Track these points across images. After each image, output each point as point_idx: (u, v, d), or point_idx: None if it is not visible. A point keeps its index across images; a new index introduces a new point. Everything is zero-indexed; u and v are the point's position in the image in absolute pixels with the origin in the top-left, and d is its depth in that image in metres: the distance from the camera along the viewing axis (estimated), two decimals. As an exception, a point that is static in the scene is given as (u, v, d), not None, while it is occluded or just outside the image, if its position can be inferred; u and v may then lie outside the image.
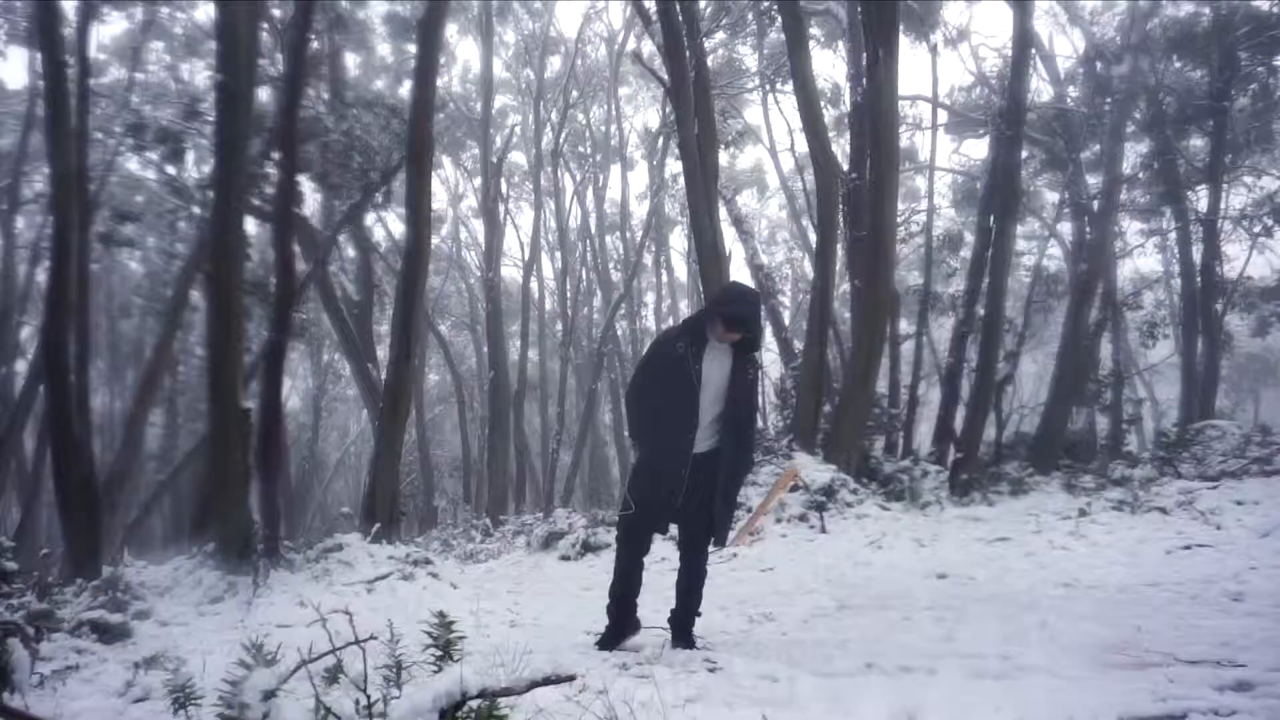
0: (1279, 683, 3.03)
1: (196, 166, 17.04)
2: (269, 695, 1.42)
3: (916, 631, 4.68)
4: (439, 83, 22.59)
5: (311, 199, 18.31)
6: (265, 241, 14.16)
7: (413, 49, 13.67)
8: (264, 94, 14.70)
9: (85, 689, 4.11)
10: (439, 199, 30.63)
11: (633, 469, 4.50)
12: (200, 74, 18.83)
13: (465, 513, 23.11)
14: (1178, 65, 16.32)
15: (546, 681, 1.73)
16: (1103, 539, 7.14)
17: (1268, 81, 15.88)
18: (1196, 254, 16.47)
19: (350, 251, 20.47)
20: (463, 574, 9.92)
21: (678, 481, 4.27)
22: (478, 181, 24.84)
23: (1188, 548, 6.33)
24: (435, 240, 29.55)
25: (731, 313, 4.26)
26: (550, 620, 6.29)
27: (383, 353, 17.43)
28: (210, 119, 13.38)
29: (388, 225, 22.69)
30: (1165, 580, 5.33)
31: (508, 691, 1.63)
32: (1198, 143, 17.22)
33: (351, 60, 22.00)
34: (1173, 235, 17.98)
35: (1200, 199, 16.65)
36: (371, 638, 1.85)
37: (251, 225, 13.50)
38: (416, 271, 9.20)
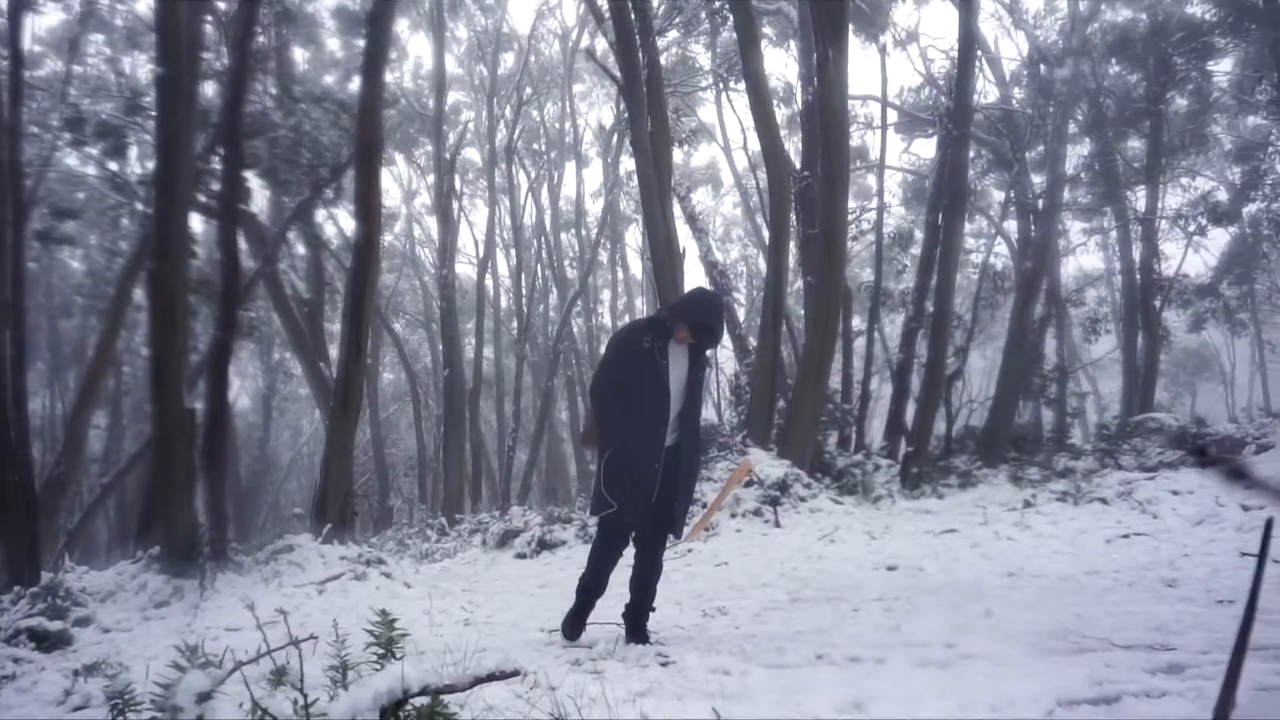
0: (1207, 664, 3.14)
1: (140, 162, 16.62)
2: (204, 697, 1.40)
3: (866, 622, 4.75)
4: (390, 79, 22.38)
5: (260, 196, 17.99)
6: (212, 239, 13.86)
7: (363, 44, 13.50)
8: (210, 89, 14.43)
9: (21, 699, 4.00)
10: (392, 196, 30.28)
11: (605, 468, 4.35)
12: (143, 67, 18.37)
13: (421, 512, 22.90)
14: (1117, 69, 16.78)
15: (491, 678, 1.73)
16: (1046, 529, 7.33)
17: (1201, 86, 16.40)
18: (1136, 252, 16.98)
19: (301, 249, 20.12)
20: (417, 574, 9.84)
21: (654, 477, 4.31)
22: (431, 178, 24.58)
23: (1126, 536, 6.53)
24: (389, 238, 29.21)
25: (700, 323, 4.34)
26: (505, 618, 6.27)
27: (335, 351, 17.18)
28: (153, 113, 13.07)
29: (339, 222, 22.33)
30: (1104, 568, 5.49)
31: (451, 688, 1.63)
32: (1136, 144, 17.74)
33: (300, 55, 21.64)
34: (1113, 234, 18.49)
35: (1139, 199, 17.17)
36: (311, 637, 1.84)
37: (198, 222, 13.22)
38: (367, 268, 9.08)
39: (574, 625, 4.54)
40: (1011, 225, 18.12)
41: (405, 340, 29.16)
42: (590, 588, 4.54)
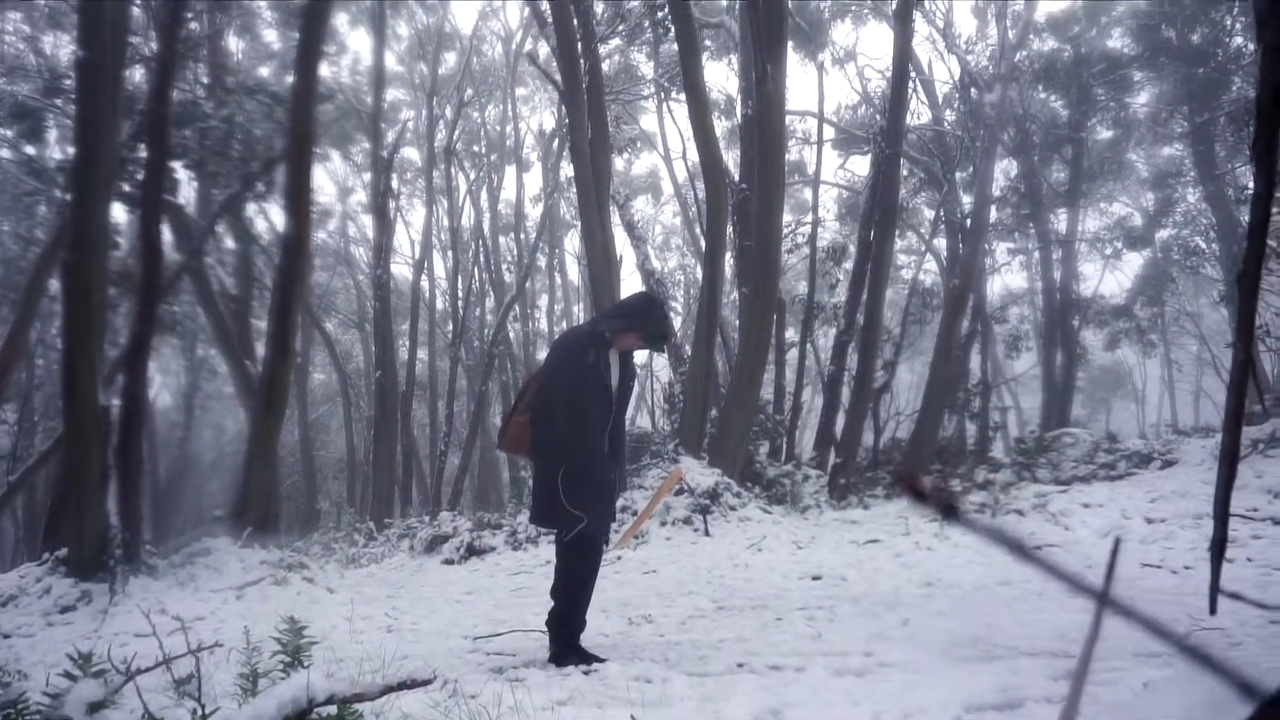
0: (1104, 671, 3.28)
1: (59, 147, 15.98)
2: (96, 707, 1.35)
3: (789, 631, 4.82)
4: (328, 73, 21.93)
5: (188, 187, 17.47)
6: (136, 230, 13.41)
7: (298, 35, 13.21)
8: (138, 75, 13.96)
9: (-91, 708, 3.80)
10: (327, 192, 29.68)
11: (568, 482, 4.15)
12: (65, 49, 17.67)
13: (349, 515, 22.43)
14: (1043, 96, 17.42)
15: (403, 686, 1.72)
16: (963, 540, 7.54)
17: (1120, 116, 17.13)
18: (1057, 272, 17.64)
19: (230, 243, 19.58)
20: (342, 579, 9.65)
21: (613, 487, 4.28)
22: (368, 176, 24.17)
23: (1038, 548, 6.76)
24: (322, 235, 28.63)
25: (662, 332, 4.34)
26: (429, 625, 6.20)
27: (263, 349, 16.74)
28: (74, 97, 12.58)
29: (270, 217, 21.81)
30: (1015, 578, 5.68)
31: (360, 697, 1.61)
32: (1060, 175, 18.44)
33: (236, 45, 21.10)
34: (1036, 254, 19.17)
35: (1061, 221, 17.84)
36: (216, 645, 1.79)
37: (121, 213, 12.77)
38: (296, 265, 8.89)
39: (577, 654, 4.20)
40: (941, 243, 18.66)
41: (337, 340, 28.58)
42: (578, 614, 4.27)
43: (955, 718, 3.01)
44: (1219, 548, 1.15)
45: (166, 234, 15.77)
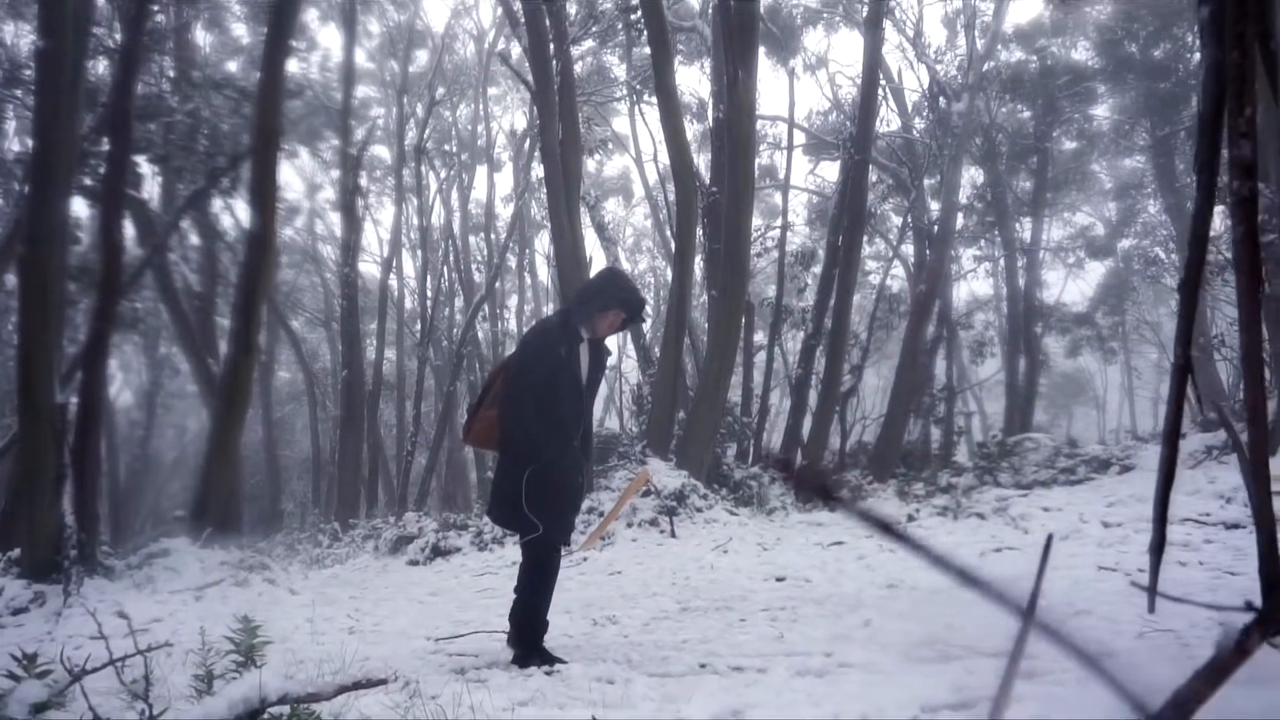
0: (1059, 671, 3.34)
1: (18, 139, 15.64)
2: (40, 708, 1.33)
3: (752, 632, 4.84)
4: (297, 68, 21.66)
5: (152, 182, 17.19)
6: (98, 224, 13.18)
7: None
8: (101, 66, 13.71)
9: None
10: (295, 189, 29.34)
11: (533, 486, 4.01)
12: (25, 37, 17.30)
13: (314, 516, 22.18)
14: (1009, 106, 17.71)
15: (358, 686, 1.71)
16: (926, 542, 7.64)
17: (1084, 127, 17.46)
18: (1021, 280, 17.92)
19: (194, 239, 19.29)
20: (305, 580, 9.56)
21: (580, 489, 4.18)
22: (337, 173, 23.93)
23: (998, 550, 6.86)
24: (289, 232, 28.30)
25: (638, 301, 4.19)
26: (392, 626, 6.15)
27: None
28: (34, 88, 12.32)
29: (235, 213, 21.51)
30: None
31: (314, 697, 1.60)
32: (1026, 184, 18.75)
33: (204, 39, 20.81)
34: (1001, 261, 19.47)
35: (1026, 229, 18.14)
36: (167, 645, 1.77)
37: (82, 207, 12.55)
38: (261, 261, 8.79)
39: (540, 655, 4.11)
40: (909, 249, 18.89)
41: (303, 339, 28.25)
42: (540, 622, 4.17)
43: (912, 717, 3.04)
44: (1157, 549, 1.18)
45: (129, 229, 15.51)
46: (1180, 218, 16.40)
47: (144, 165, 14.89)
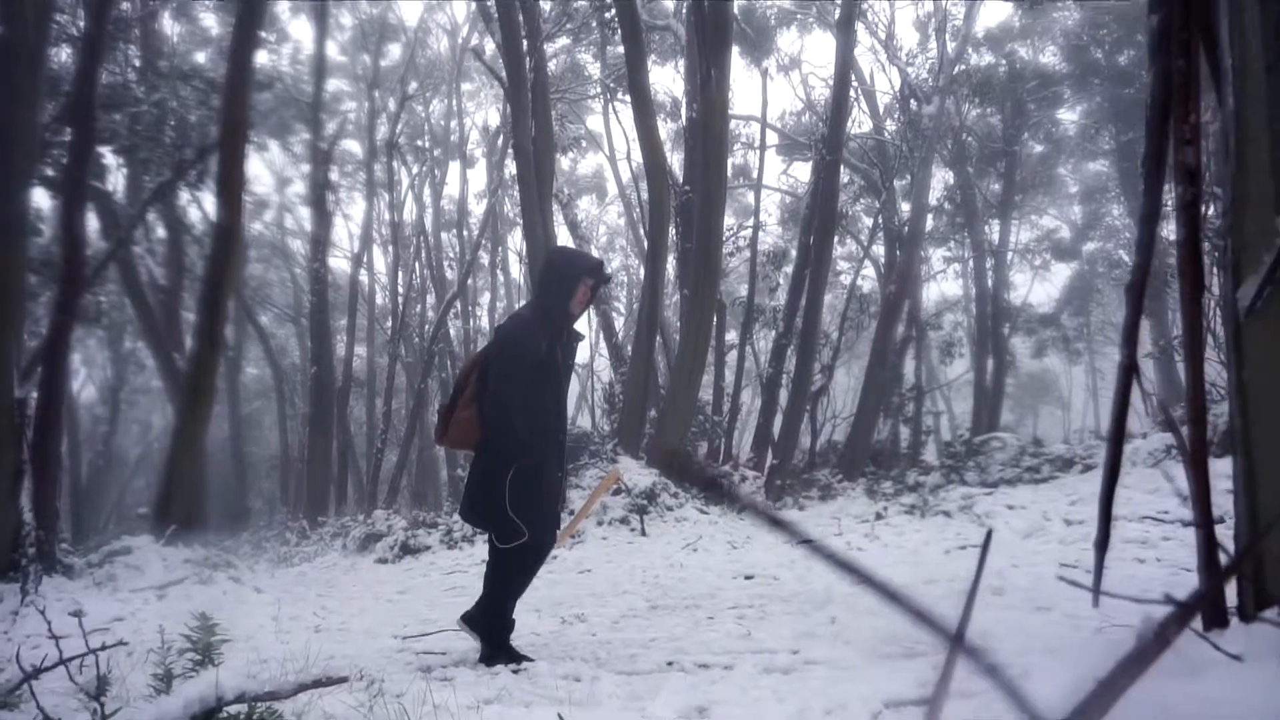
0: (1018, 664, 3.39)
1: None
2: (-12, 707, 1.30)
3: (720, 630, 4.86)
4: (267, 61, 21.38)
5: (118, 174, 16.92)
6: (59, 216, 12.95)
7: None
8: (64, 54, 13.44)
9: None
10: (264, 183, 28.99)
11: (517, 487, 3.92)
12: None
13: (282, 513, 21.95)
14: (979, 110, 17.92)
15: (317, 684, 1.70)
16: (893, 540, 7.72)
17: (1051, 131, 17.72)
18: (990, 281, 18.16)
19: (160, 232, 19.00)
20: (272, 578, 9.48)
21: (559, 485, 4.12)
22: (307, 167, 23.68)
23: (963, 548, 6.95)
24: (258, 226, 27.94)
25: (595, 262, 4.13)
26: (359, 625, 6.11)
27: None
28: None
29: (203, 206, 21.21)
30: (941, 577, 5.83)
31: (273, 695, 1.59)
32: (995, 186, 19.00)
33: (172, 29, 20.49)
34: (970, 263, 19.70)
35: (994, 231, 18.38)
36: (120, 643, 1.75)
37: (44, 198, 12.33)
38: (227, 255, 8.68)
39: (506, 653, 4.08)
40: (880, 250, 19.05)
41: (272, 334, 27.92)
42: (506, 614, 4.12)
43: (875, 713, 3.07)
44: (1101, 546, 1.21)
45: (93, 221, 15.26)
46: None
47: (109, 156, 14.66)
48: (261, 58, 19.75)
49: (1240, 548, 1.07)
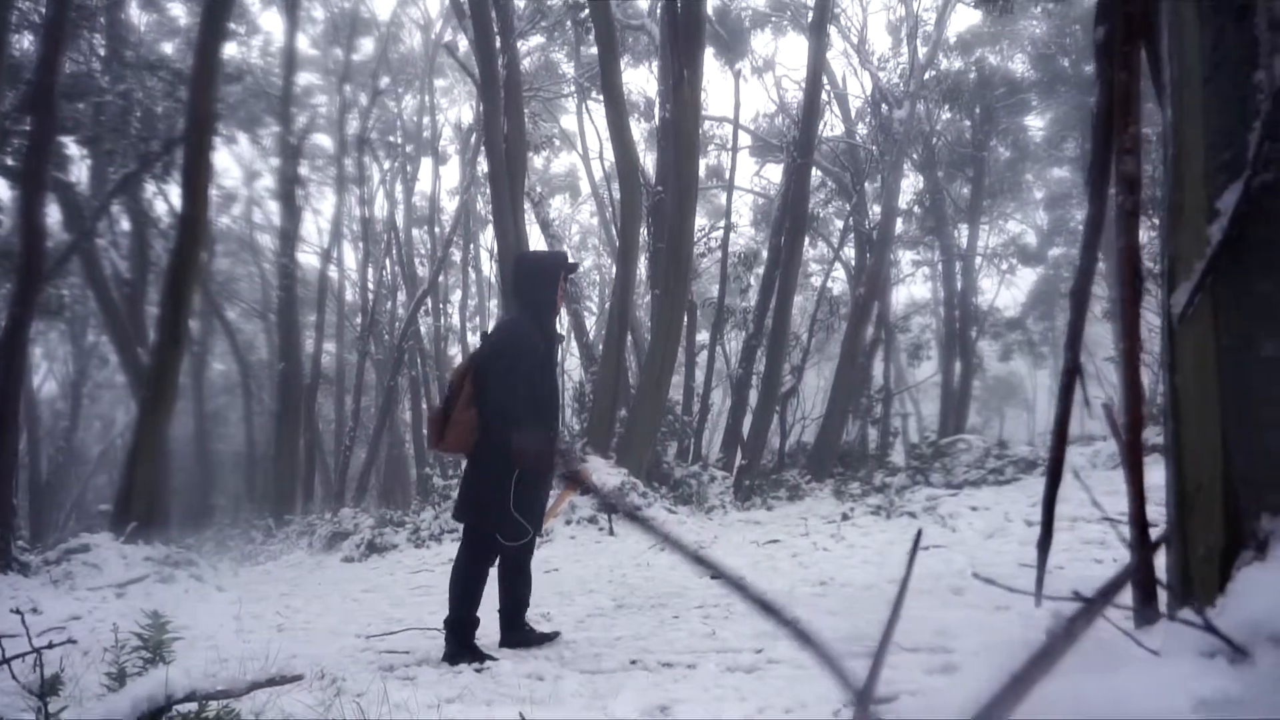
0: (977, 665, 3.44)
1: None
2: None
3: (684, 629, 4.88)
4: (236, 52, 21.08)
5: (81, 164, 16.64)
6: (19, 207, 12.69)
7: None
8: (26, 42, 13.19)
9: None
10: (233, 176, 28.65)
11: (521, 487, 4.04)
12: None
13: (246, 511, 21.68)
14: (949, 115, 18.13)
15: (271, 682, 1.69)
16: (859, 540, 7.79)
17: (1019, 138, 17.97)
18: (958, 285, 18.38)
19: (125, 225, 18.70)
20: (235, 576, 9.38)
21: (549, 485, 4.30)
22: (276, 161, 23.41)
23: (926, 548, 7.01)
24: (226, 220, 27.57)
25: (562, 254, 4.31)
26: (323, 624, 6.06)
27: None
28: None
29: (169, 199, 20.90)
30: (901, 577, 5.90)
31: (225, 694, 1.58)
32: (964, 191, 19.23)
33: (139, 18, 20.16)
34: (939, 266, 19.93)
35: (963, 236, 18.60)
36: (69, 641, 1.73)
37: (5, 189, 12.09)
38: (191, 247, 8.55)
39: (471, 652, 4.11)
40: (850, 252, 19.21)
41: (239, 330, 27.57)
42: (471, 611, 4.18)
43: (834, 711, 3.10)
44: (1043, 546, 1.24)
45: (55, 212, 14.99)
46: (1105, 228, 16.94)
47: (72, 146, 14.40)
48: (231, 49, 19.52)
49: (1170, 550, 1.10)
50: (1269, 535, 0.92)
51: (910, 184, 18.76)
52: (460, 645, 4.11)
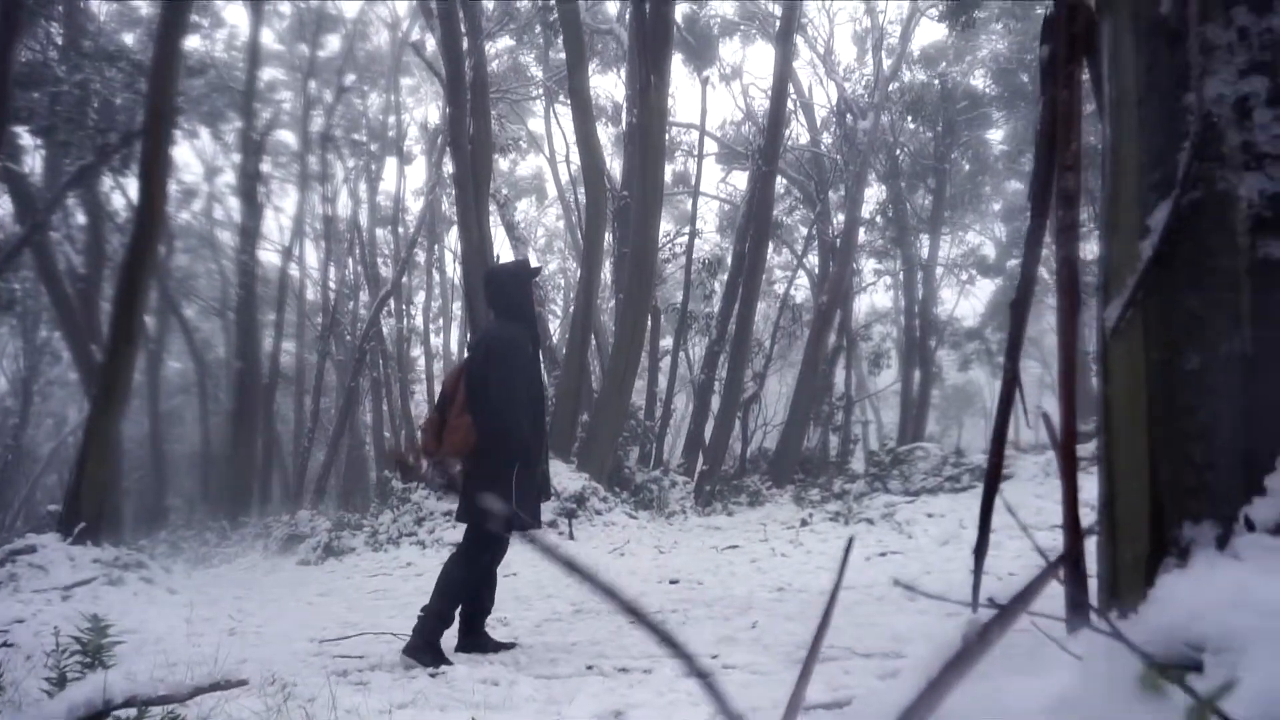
0: (911, 671, 3.48)
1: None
2: None
3: (641, 634, 4.88)
4: (200, 45, 20.74)
5: (35, 155, 16.27)
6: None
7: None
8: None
9: None
10: (194, 171, 28.13)
11: (520, 482, 4.16)
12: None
13: (201, 513, 21.28)
14: (912, 126, 18.39)
15: (214, 687, 1.66)
16: (817, 546, 7.86)
17: (979, 151, 18.28)
18: (919, 294, 18.63)
19: (80, 218, 18.30)
20: (188, 579, 9.21)
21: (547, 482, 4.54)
22: (238, 157, 23.05)
23: (883, 554, 7.11)
24: (186, 216, 27.09)
25: (524, 261, 4.58)
26: (276, 628, 5.97)
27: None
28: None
29: (127, 193, 20.49)
30: (859, 583, 5.95)
31: (166, 699, 1.55)
32: (925, 202, 19.52)
33: (101, 8, 19.73)
34: (901, 276, 20.19)
35: (924, 246, 18.87)
36: (6, 644, 1.69)
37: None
38: (148, 244, 8.40)
39: (432, 652, 4.10)
40: (814, 260, 19.39)
41: (196, 328, 27.08)
42: (447, 620, 4.22)
43: (785, 715, 3.13)
44: (979, 552, 1.27)
45: (6, 204, 14.64)
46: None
47: (26, 136, 14.08)
48: (194, 43, 19.23)
49: (1101, 556, 1.13)
50: (1190, 543, 0.95)
51: (873, 194, 19.00)
52: (426, 642, 4.12)
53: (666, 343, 17.88)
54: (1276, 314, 0.93)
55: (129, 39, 19.58)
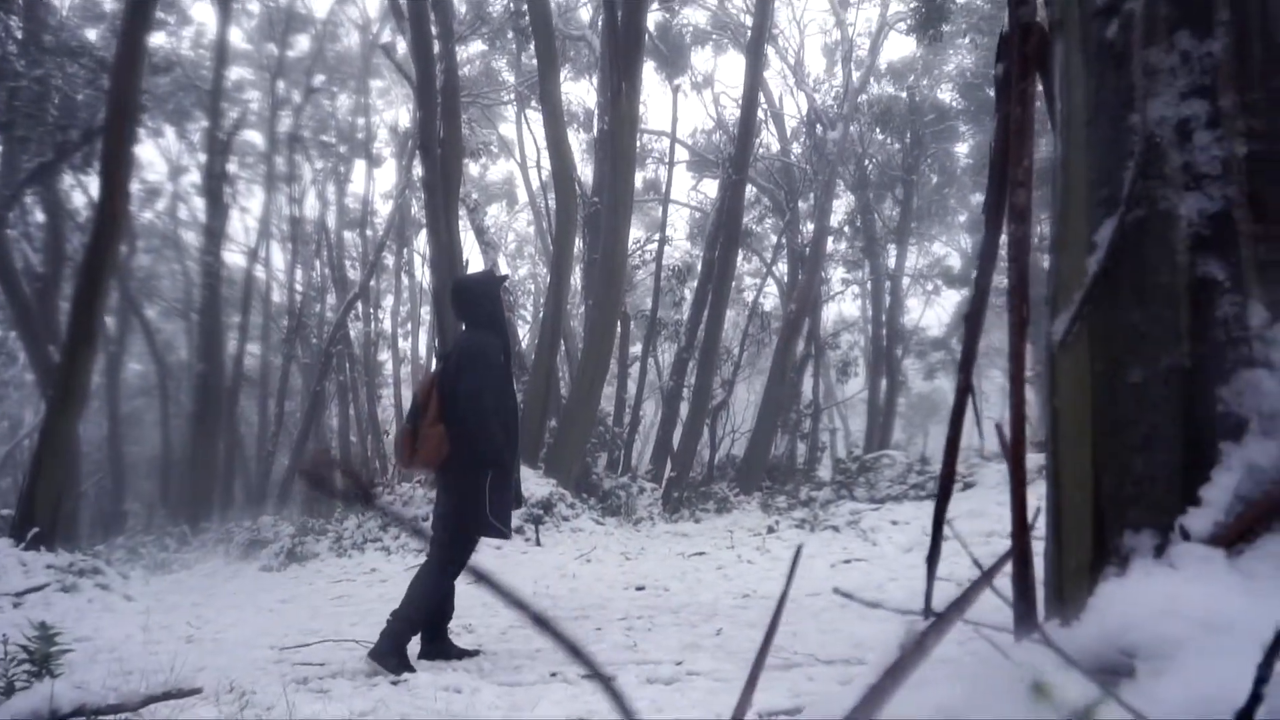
0: (862, 678, 3.52)
1: None
2: None
3: (607, 641, 4.88)
4: (166, 43, 20.45)
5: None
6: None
7: None
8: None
9: None
10: (158, 170, 27.69)
11: (495, 489, 4.21)
12: None
13: (161, 517, 20.89)
14: (880, 137, 18.61)
15: (166, 696, 1.63)
16: (783, 553, 7.91)
17: (946, 163, 18.54)
18: (886, 303, 18.83)
19: (39, 216, 17.94)
20: (146, 585, 9.05)
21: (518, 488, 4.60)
22: (204, 157, 22.71)
23: (848, 561, 7.18)
24: (149, 215, 26.61)
25: (489, 273, 4.63)
26: (236, 635, 5.88)
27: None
28: None
29: (88, 191, 20.10)
30: (824, 590, 5.99)
31: (116, 708, 1.52)
32: (893, 212, 19.75)
33: (63, 2, 19.37)
34: (869, 285, 20.40)
35: (892, 256, 19.09)
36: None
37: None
38: (108, 243, 8.24)
39: (398, 658, 4.07)
40: (783, 268, 19.52)
41: (158, 329, 26.61)
42: (417, 627, 4.24)
43: (747, 722, 3.14)
44: (932, 559, 1.29)
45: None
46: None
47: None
48: (160, 39, 18.94)
49: (1048, 565, 1.16)
50: (1130, 551, 0.98)
51: (842, 204, 19.18)
52: (393, 646, 4.09)
53: (636, 349, 17.90)
54: (1213, 330, 0.96)
55: (92, 34, 19.24)
